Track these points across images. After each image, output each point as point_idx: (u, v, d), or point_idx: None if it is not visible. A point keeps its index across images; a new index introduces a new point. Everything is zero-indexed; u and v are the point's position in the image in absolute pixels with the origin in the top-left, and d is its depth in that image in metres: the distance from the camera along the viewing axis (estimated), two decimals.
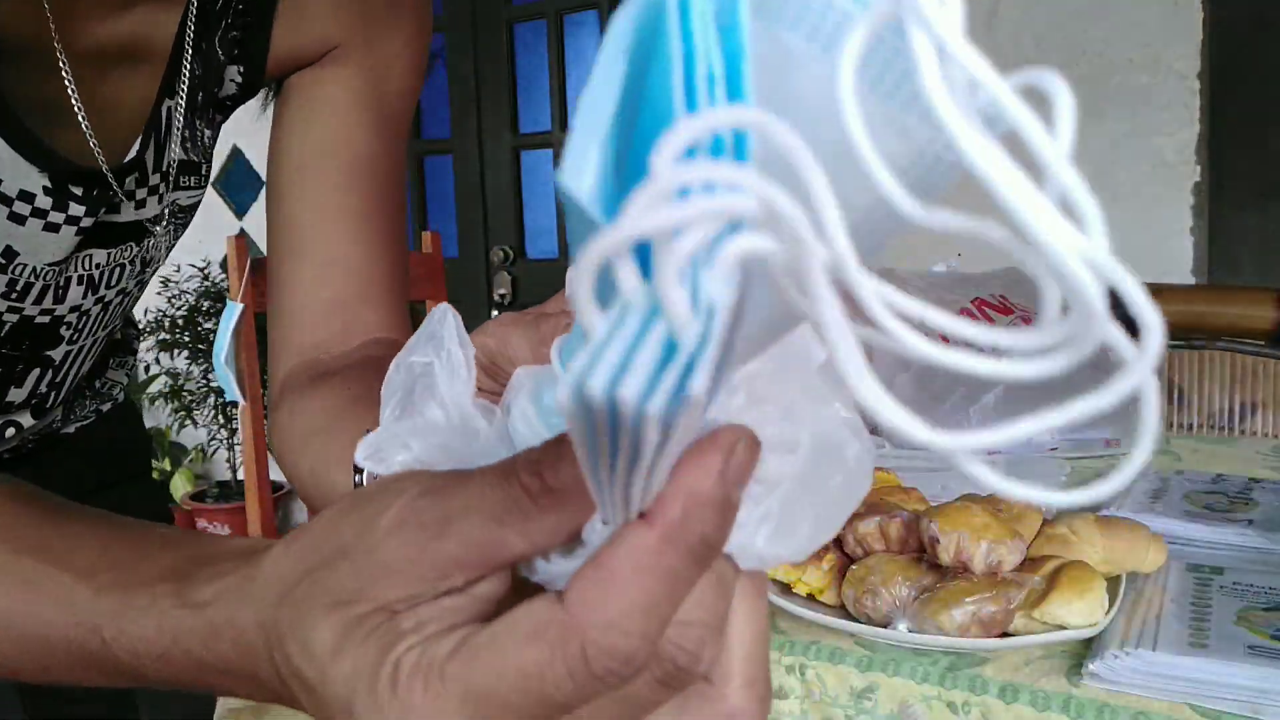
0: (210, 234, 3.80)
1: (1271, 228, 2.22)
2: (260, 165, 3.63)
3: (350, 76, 0.67)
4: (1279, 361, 1.96)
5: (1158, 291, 2.07)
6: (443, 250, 2.04)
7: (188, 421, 3.71)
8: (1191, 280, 2.20)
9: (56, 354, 0.67)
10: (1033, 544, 0.84)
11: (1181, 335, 2.05)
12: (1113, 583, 0.79)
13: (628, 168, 0.20)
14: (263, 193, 3.74)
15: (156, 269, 0.71)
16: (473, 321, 0.34)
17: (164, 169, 0.64)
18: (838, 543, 0.86)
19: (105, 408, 0.82)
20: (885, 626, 0.76)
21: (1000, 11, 2.33)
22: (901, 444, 1.40)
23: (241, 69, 0.67)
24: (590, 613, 0.24)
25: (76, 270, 0.62)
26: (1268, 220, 2.22)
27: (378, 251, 0.66)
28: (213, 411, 3.69)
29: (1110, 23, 2.22)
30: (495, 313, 3.26)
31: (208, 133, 0.68)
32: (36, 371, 0.67)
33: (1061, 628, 0.73)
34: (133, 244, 0.65)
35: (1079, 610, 0.72)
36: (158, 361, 3.81)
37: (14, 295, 0.60)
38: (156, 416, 4.07)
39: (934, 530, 0.78)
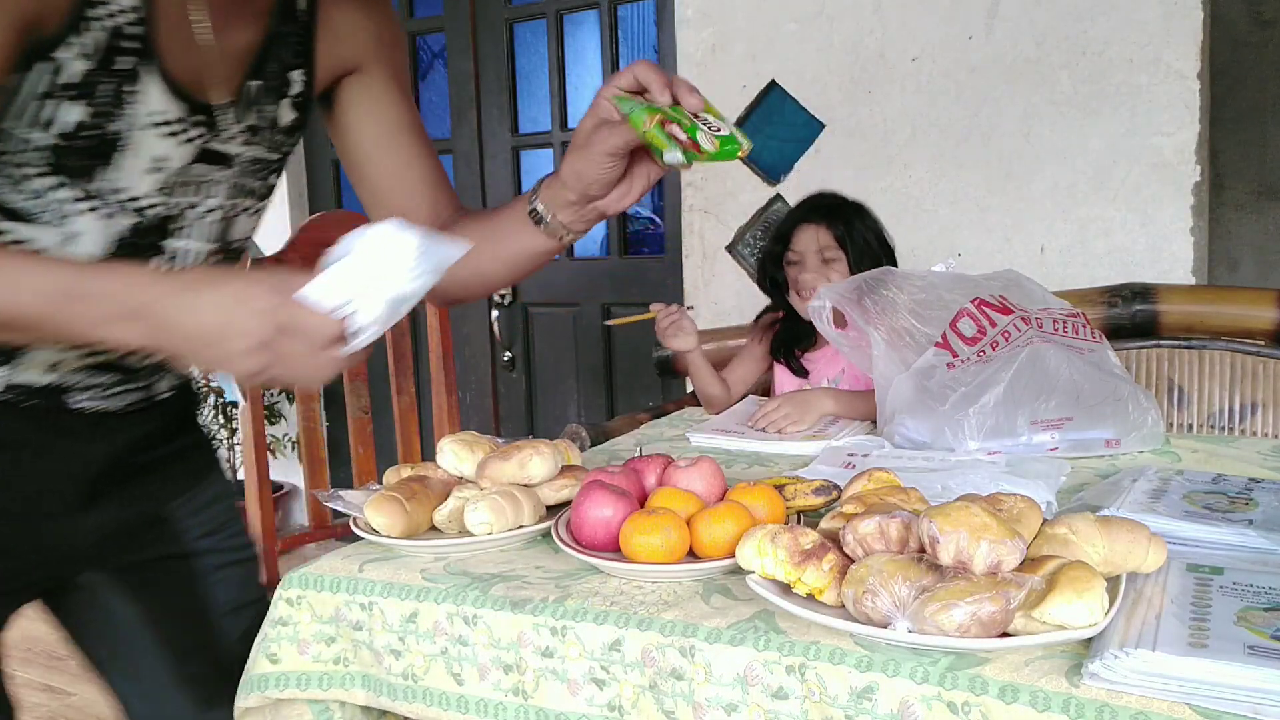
0: None
1: (1271, 228, 2.22)
2: None
3: (382, 77, 1.06)
4: (1279, 361, 1.96)
5: (1158, 291, 2.07)
6: None
7: None
8: (1191, 280, 2.20)
9: (172, 247, 0.95)
10: (1033, 544, 0.84)
11: (1181, 335, 2.05)
12: (1113, 583, 0.79)
13: None
14: None
15: (250, 212, 1.03)
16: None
17: (245, 124, 0.96)
18: (837, 543, 0.86)
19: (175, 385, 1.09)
20: (885, 626, 0.76)
21: (1000, 11, 2.33)
22: (903, 444, 1.40)
23: (304, 73, 1.00)
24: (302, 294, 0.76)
25: (184, 176, 0.92)
26: (1268, 220, 2.22)
27: (440, 173, 1.11)
28: (213, 411, 3.68)
29: (1110, 23, 2.22)
30: (495, 312, 3.26)
31: (272, 109, 0.98)
32: (158, 259, 0.94)
33: (1061, 628, 0.73)
34: (224, 167, 0.95)
35: (1079, 610, 0.72)
36: None
37: (170, 191, 0.92)
38: None
39: (934, 530, 0.77)
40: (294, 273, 0.78)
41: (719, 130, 0.89)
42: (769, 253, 1.95)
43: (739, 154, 0.89)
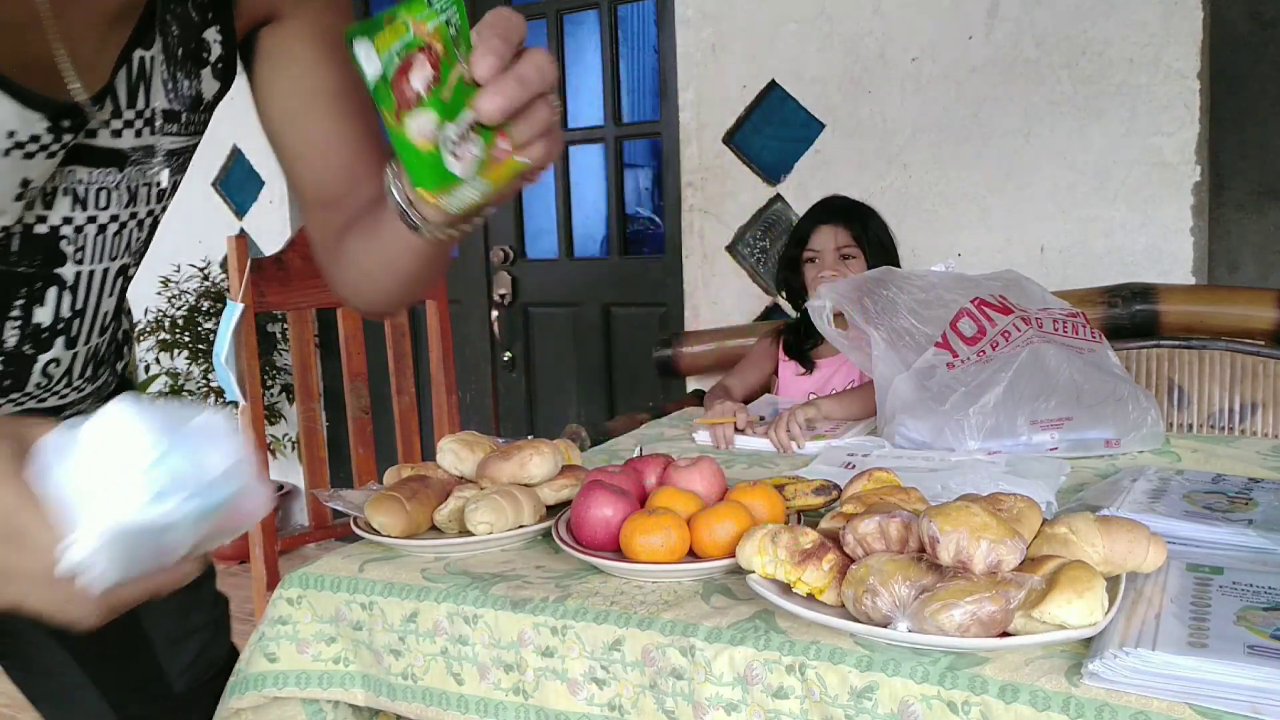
0: (210, 234, 3.80)
1: (1271, 228, 2.22)
2: (259, 164, 3.63)
3: (301, 28, 0.83)
4: (1279, 361, 1.96)
5: (1158, 291, 2.07)
6: None
7: None
8: (1191, 280, 2.20)
9: (67, 274, 0.78)
10: (1033, 544, 0.84)
11: (1181, 335, 2.05)
12: (1113, 583, 0.79)
13: None
14: (263, 193, 3.75)
15: (152, 212, 0.83)
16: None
17: (139, 109, 0.76)
18: (837, 543, 0.86)
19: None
20: (885, 626, 0.76)
21: (1000, 11, 2.34)
22: (903, 444, 1.40)
23: (219, 29, 0.80)
24: None
25: (62, 183, 0.74)
26: (1268, 220, 2.22)
27: (368, 153, 0.85)
28: None
29: (1110, 23, 2.22)
30: (495, 313, 3.26)
31: (188, 84, 0.79)
32: (54, 290, 0.78)
33: (1061, 627, 0.73)
34: (114, 169, 0.77)
35: (1079, 610, 0.72)
36: (158, 361, 3.81)
37: (40, 208, 0.73)
38: None
39: (934, 530, 0.78)
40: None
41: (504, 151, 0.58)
42: (785, 257, 1.96)
43: (473, 200, 0.60)
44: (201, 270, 3.66)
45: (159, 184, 0.82)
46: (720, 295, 2.77)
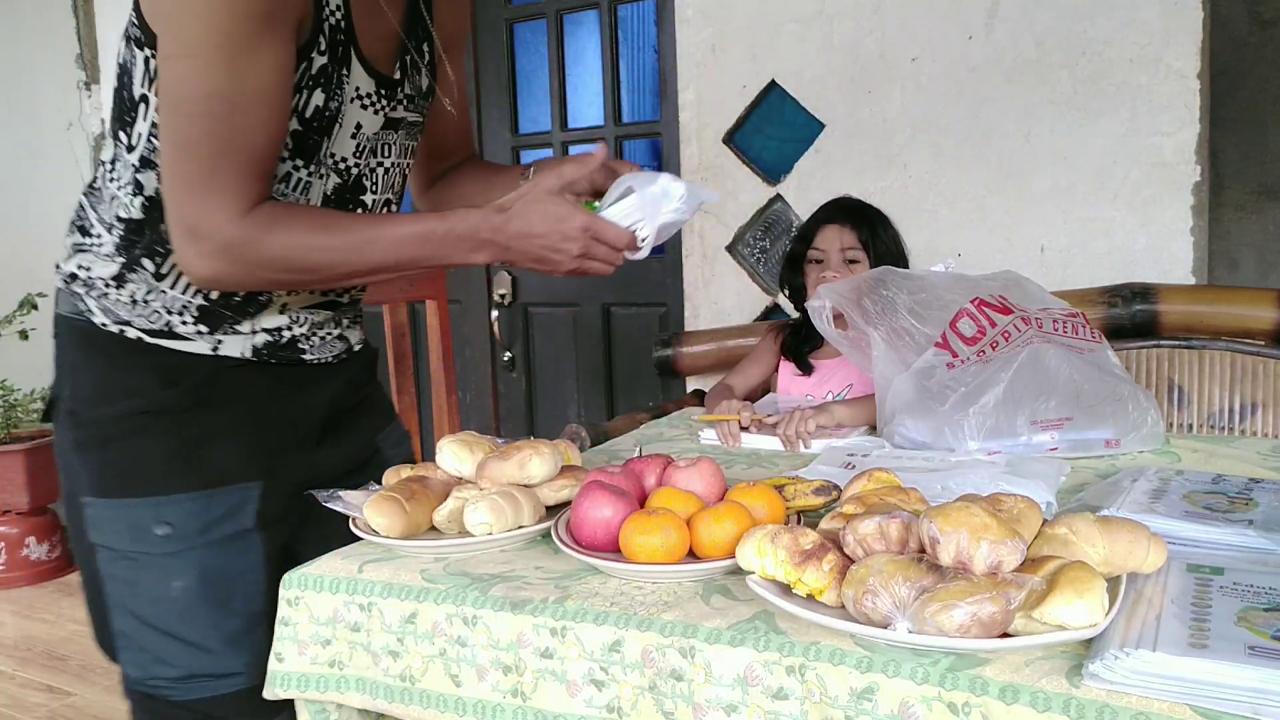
0: None
1: (1271, 228, 2.22)
2: None
3: (457, 51, 1.28)
4: (1279, 361, 1.96)
5: (1158, 291, 2.07)
6: None
7: None
8: (1191, 280, 2.20)
9: (367, 199, 1.19)
10: (1033, 544, 0.84)
11: (1181, 335, 2.05)
12: (1113, 583, 0.79)
13: None
14: None
15: (405, 165, 1.24)
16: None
17: (408, 92, 1.18)
18: (837, 543, 0.86)
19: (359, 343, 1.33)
20: (885, 627, 0.76)
21: (1000, 11, 2.33)
22: (903, 444, 1.40)
23: (427, 44, 1.21)
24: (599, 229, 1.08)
25: (375, 140, 1.16)
26: (1267, 220, 2.22)
27: (467, 121, 1.40)
28: None
29: (1110, 23, 2.22)
30: (495, 313, 3.26)
31: (423, 78, 1.21)
32: (360, 210, 1.18)
33: (1062, 628, 0.73)
34: (393, 131, 1.18)
35: (1079, 611, 0.72)
36: None
37: (362, 154, 1.15)
38: None
39: (934, 531, 0.77)
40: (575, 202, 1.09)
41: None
42: (791, 255, 1.94)
43: None
44: None
45: (410, 145, 1.23)
46: (720, 295, 2.77)
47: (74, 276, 1.12)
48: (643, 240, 1.09)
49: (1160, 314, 2.05)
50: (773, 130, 2.64)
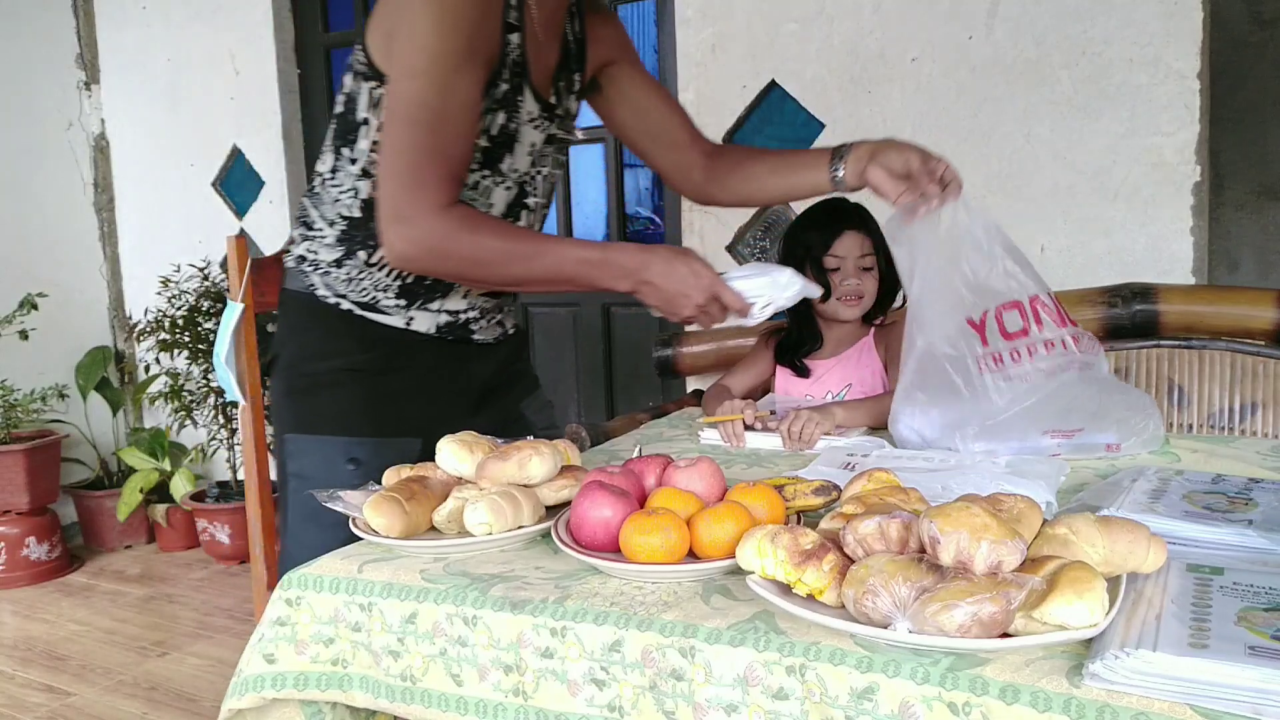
0: (210, 234, 3.80)
1: (1271, 228, 2.22)
2: (259, 164, 3.63)
3: (628, 63, 1.53)
4: (1279, 361, 1.96)
5: (1158, 291, 2.07)
6: None
7: (188, 422, 3.71)
8: (1191, 280, 2.20)
9: (530, 203, 1.43)
10: (1033, 544, 0.84)
11: (1181, 335, 2.05)
12: (1113, 583, 0.79)
13: None
14: (263, 193, 3.74)
15: (555, 176, 1.47)
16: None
17: (559, 114, 1.42)
18: (837, 543, 0.86)
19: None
20: (885, 627, 0.76)
21: (1000, 11, 2.33)
22: (908, 434, 1.40)
23: (579, 74, 1.46)
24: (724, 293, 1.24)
25: (538, 155, 1.41)
26: (1267, 220, 2.22)
27: (689, 119, 1.60)
28: (213, 412, 3.68)
29: (1110, 23, 2.22)
30: None
31: (570, 101, 1.46)
32: (524, 213, 1.43)
33: (1062, 628, 0.73)
34: (549, 146, 1.42)
35: (1079, 611, 0.72)
36: (158, 361, 3.81)
37: (531, 166, 1.40)
38: (156, 417, 4.06)
39: (934, 530, 0.77)
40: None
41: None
42: (811, 257, 1.86)
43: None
44: (201, 270, 3.66)
45: (560, 159, 1.48)
46: None
47: (303, 259, 1.39)
48: (760, 310, 1.27)
49: (1160, 314, 2.05)
50: (773, 130, 2.64)
